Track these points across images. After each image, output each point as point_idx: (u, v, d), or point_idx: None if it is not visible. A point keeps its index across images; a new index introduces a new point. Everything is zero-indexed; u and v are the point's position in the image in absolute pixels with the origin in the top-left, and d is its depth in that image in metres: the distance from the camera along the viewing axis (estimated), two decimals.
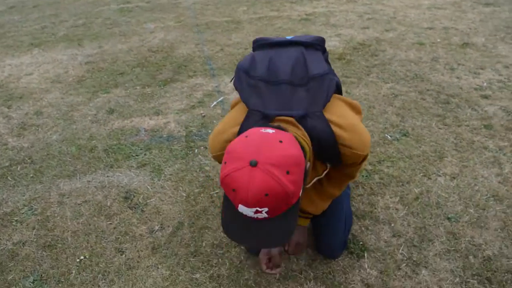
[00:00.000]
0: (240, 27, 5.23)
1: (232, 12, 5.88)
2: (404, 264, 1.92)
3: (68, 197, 2.45)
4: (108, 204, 2.37)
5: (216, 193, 2.42)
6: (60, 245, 2.11)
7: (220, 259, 1.99)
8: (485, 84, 3.67)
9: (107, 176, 2.61)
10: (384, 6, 6.19)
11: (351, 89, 3.62)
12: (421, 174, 2.55)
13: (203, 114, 3.24)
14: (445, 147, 2.81)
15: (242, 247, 2.01)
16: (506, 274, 1.86)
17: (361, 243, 2.04)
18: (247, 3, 6.35)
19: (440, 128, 3.02)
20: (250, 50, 4.48)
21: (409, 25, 5.32)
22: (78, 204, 2.38)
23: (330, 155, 1.38)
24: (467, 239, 2.06)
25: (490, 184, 2.47)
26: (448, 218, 2.20)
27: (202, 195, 2.41)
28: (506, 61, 4.15)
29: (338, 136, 1.32)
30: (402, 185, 2.47)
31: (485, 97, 3.44)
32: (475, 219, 2.19)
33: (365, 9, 6.04)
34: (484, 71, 3.92)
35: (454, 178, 2.52)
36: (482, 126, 3.03)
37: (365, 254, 1.98)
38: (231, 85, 3.70)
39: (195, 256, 2.01)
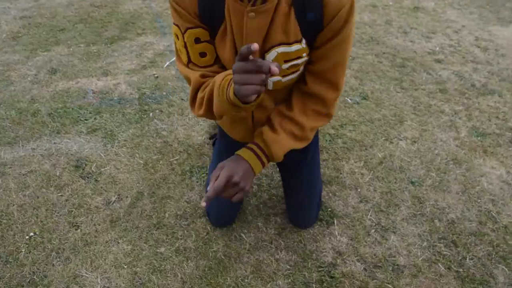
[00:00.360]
0: None
1: None
2: (373, 230, 1.92)
3: (10, 167, 2.20)
4: (58, 174, 2.16)
5: (176, 159, 2.28)
6: (5, 221, 1.90)
7: (185, 231, 1.88)
8: (437, 48, 3.72)
9: (54, 142, 2.38)
10: None
11: None
12: (383, 138, 2.55)
13: (156, 75, 3.03)
14: (404, 111, 2.83)
15: (208, 218, 1.91)
16: (469, 236, 1.92)
17: (329, 209, 2.01)
18: None
19: (398, 92, 3.03)
20: None
21: None
22: (23, 175, 2.15)
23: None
24: (431, 203, 2.10)
25: (448, 147, 2.52)
26: (412, 182, 2.22)
27: (161, 162, 2.26)
28: (455, 26, 4.23)
29: None
30: (366, 149, 2.46)
31: (438, 61, 3.49)
32: (437, 183, 2.23)
33: None
34: (436, 36, 3.97)
35: (414, 142, 2.55)
36: (438, 90, 3.07)
37: (335, 221, 1.96)
38: None
39: (158, 228, 1.89)
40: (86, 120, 2.56)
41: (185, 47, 1.19)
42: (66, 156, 2.28)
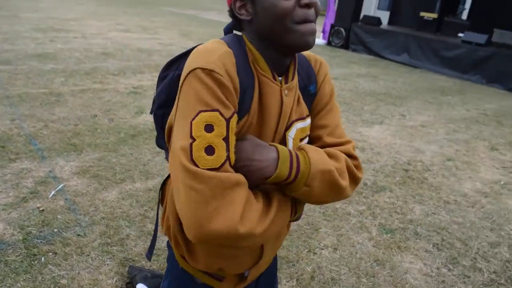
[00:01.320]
0: (63, 100, 4.60)
1: (48, 83, 5.17)
2: None
3: None
4: None
5: None
6: None
7: None
8: None
9: None
10: None
11: None
12: (306, 250, 2.48)
13: (41, 208, 2.59)
14: (316, 218, 2.84)
15: None
16: None
17: None
18: (64, 74, 5.71)
19: None
20: (80, 126, 3.94)
21: None
22: None
23: (305, 68, 1.10)
24: None
25: (367, 249, 2.55)
26: None
27: None
28: None
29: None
30: (293, 265, 2.34)
31: None
32: None
33: None
34: None
35: (335, 249, 2.52)
36: None
37: None
38: (69, 169, 3.11)
39: None
40: None
41: (226, 138, 0.87)
42: None
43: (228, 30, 1.06)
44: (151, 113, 1.22)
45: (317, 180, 0.95)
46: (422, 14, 11.57)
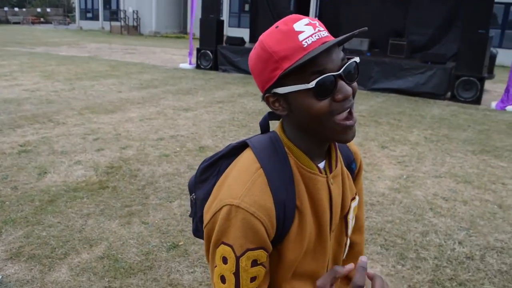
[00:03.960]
0: None
1: None
2: None
3: None
4: None
5: None
6: None
7: None
8: None
9: None
10: (98, 124, 6.06)
11: (145, 217, 3.33)
12: None
13: None
14: None
15: None
16: None
17: None
18: None
19: None
20: None
21: (139, 139, 5.40)
22: None
23: (343, 147, 1.18)
24: None
25: None
26: None
27: None
28: None
29: None
30: None
31: None
32: None
33: (83, 129, 5.74)
34: None
35: None
36: None
37: None
38: (3, 252, 2.74)
39: None
40: None
41: (236, 273, 0.98)
42: None
43: (264, 123, 1.09)
44: (190, 216, 1.23)
45: None
46: None
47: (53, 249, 2.84)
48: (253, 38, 14.03)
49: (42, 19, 40.48)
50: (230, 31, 24.01)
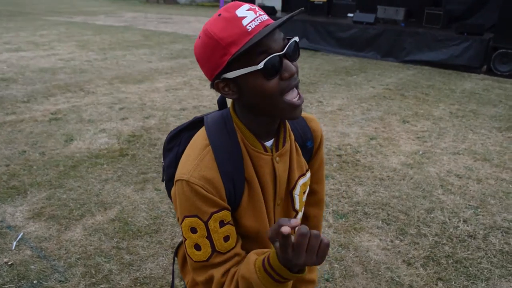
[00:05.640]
0: None
1: None
2: None
3: None
4: None
5: None
6: None
7: None
8: None
9: None
10: (126, 93, 6.26)
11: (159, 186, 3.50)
12: None
13: (9, 263, 2.49)
14: None
15: None
16: None
17: None
18: None
19: None
20: (12, 165, 3.74)
21: (163, 109, 5.56)
22: None
23: (300, 125, 1.26)
24: None
25: (330, 236, 2.85)
26: (326, 279, 2.40)
27: None
28: None
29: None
30: None
31: None
32: (344, 272, 2.47)
33: (110, 99, 5.96)
34: None
35: None
36: None
37: None
38: (20, 214, 2.99)
39: None
40: None
41: (209, 236, 1.08)
42: None
43: (222, 100, 1.20)
44: (162, 181, 1.35)
45: None
46: None
47: (71, 211, 3.06)
48: (286, 7, 13.79)
49: None
50: (266, 0, 23.66)
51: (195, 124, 1.23)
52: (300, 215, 1.27)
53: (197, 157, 1.07)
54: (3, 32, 12.17)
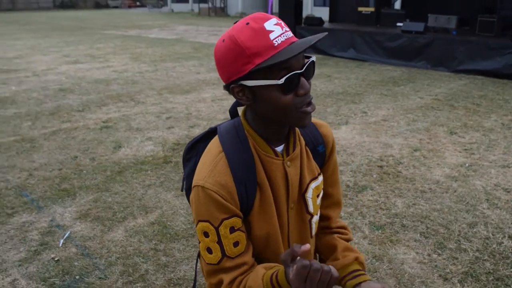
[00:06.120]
0: (38, 146, 4.60)
1: (16, 129, 5.14)
2: None
3: None
4: None
5: None
6: None
7: None
8: None
9: None
10: (173, 103, 6.48)
11: None
12: None
13: (56, 258, 2.67)
14: None
15: None
16: None
17: None
18: (29, 117, 5.67)
19: None
20: (64, 169, 3.99)
21: (207, 118, 5.72)
22: None
23: (310, 130, 1.29)
24: None
25: (364, 247, 2.81)
26: None
27: None
28: None
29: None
30: None
31: None
32: None
33: (158, 108, 6.20)
34: None
35: None
36: None
37: None
38: (69, 215, 3.18)
39: None
40: None
41: (219, 242, 1.14)
42: None
43: (233, 110, 1.26)
44: (181, 190, 1.43)
45: None
46: (360, 9, 12.17)
47: (115, 213, 3.22)
48: (333, 18, 13.76)
49: (138, 3, 43.23)
50: (315, 11, 23.74)
51: (210, 134, 1.29)
52: (315, 218, 1.29)
53: (211, 163, 1.13)
54: (64, 46, 12.99)
